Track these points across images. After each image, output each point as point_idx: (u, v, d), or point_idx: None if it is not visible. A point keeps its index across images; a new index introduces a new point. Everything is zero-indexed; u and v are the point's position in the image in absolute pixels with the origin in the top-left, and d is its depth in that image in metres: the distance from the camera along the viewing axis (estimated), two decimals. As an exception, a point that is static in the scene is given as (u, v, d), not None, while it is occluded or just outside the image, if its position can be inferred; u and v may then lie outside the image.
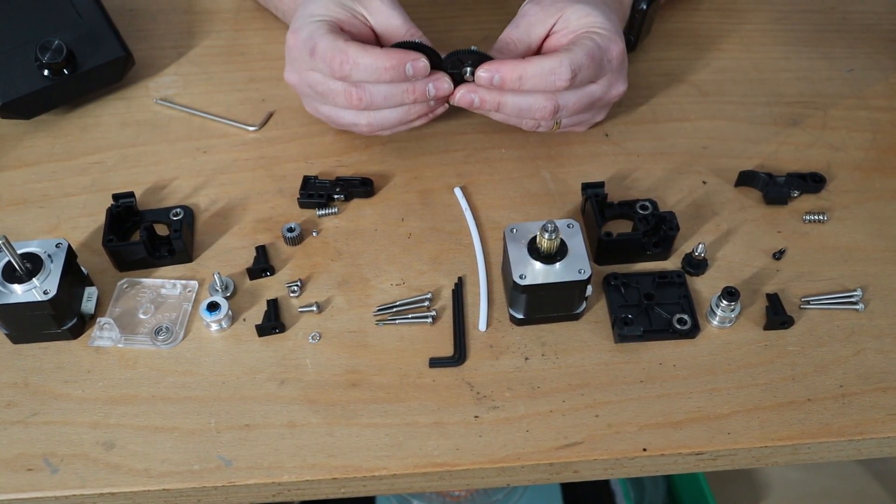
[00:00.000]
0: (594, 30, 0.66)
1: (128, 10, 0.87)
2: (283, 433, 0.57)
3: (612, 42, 0.66)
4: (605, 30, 0.66)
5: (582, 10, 0.67)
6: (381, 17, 0.67)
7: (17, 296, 0.57)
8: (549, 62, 0.63)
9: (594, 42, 0.65)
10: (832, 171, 0.72)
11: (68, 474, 0.55)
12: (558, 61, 0.63)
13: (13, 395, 0.59)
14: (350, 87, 0.64)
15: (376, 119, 0.66)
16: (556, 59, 0.63)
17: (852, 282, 0.65)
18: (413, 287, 0.65)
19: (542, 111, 0.65)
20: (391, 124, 0.67)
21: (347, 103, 0.65)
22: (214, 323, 0.61)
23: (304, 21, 0.66)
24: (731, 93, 0.79)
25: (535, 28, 0.68)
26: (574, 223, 0.60)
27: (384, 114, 0.66)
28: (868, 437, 0.57)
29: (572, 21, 0.67)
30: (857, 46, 0.84)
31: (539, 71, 0.63)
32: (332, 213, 0.69)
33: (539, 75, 0.63)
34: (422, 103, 0.66)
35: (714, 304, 0.61)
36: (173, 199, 0.71)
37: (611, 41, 0.66)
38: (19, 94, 0.72)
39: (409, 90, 0.64)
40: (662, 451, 0.56)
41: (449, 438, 0.56)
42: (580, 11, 0.67)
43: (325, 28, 0.64)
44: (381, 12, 0.67)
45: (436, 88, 0.64)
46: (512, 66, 0.63)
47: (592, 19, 0.66)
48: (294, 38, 0.66)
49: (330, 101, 0.67)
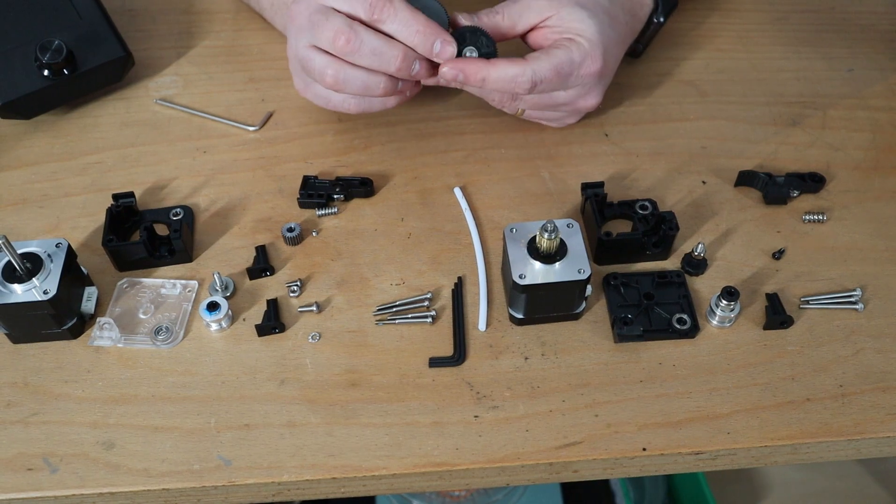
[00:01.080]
0: (578, 40, 0.66)
1: (128, 11, 0.87)
2: (282, 433, 0.57)
3: (590, 58, 0.66)
4: (588, 42, 0.66)
5: (578, 14, 0.66)
6: None
7: (16, 295, 0.57)
8: (512, 69, 0.64)
9: (568, 55, 0.65)
10: (831, 170, 0.72)
11: (68, 474, 0.55)
12: (521, 70, 0.64)
13: (13, 395, 0.59)
14: (344, 27, 0.62)
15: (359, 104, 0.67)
16: (519, 67, 0.64)
17: (851, 281, 0.65)
18: (413, 287, 0.65)
19: (501, 101, 0.69)
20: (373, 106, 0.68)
21: (338, 45, 0.62)
22: (214, 323, 0.61)
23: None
24: (730, 93, 0.79)
25: (530, 13, 0.67)
26: (574, 223, 0.60)
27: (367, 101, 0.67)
28: (867, 437, 0.57)
29: (564, 21, 0.66)
30: (857, 46, 0.84)
31: (501, 76, 0.64)
32: (332, 213, 0.69)
33: (500, 80, 0.64)
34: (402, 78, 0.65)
35: (713, 304, 0.62)
36: (173, 199, 0.71)
37: (588, 57, 0.66)
38: (19, 94, 0.72)
39: (398, 56, 0.62)
40: (662, 450, 0.56)
41: (448, 438, 0.56)
42: (576, 15, 0.66)
43: None
44: None
45: (420, 66, 0.64)
46: (476, 69, 0.64)
47: (583, 26, 0.66)
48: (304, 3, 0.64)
49: (318, 40, 0.64)
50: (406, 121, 0.76)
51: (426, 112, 0.77)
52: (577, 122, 0.75)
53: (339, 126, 0.76)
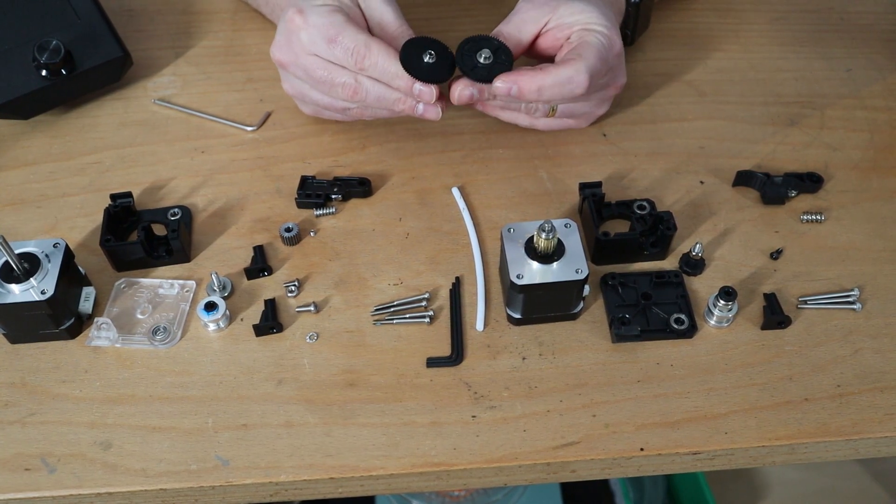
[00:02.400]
0: (593, 27, 0.67)
1: (126, 11, 0.87)
2: (280, 433, 0.57)
3: (613, 39, 0.67)
4: (604, 26, 0.67)
5: (575, 6, 0.67)
6: (374, 11, 0.67)
7: (14, 295, 0.57)
8: (566, 71, 0.64)
9: (599, 41, 0.66)
10: (830, 170, 0.72)
11: (65, 474, 0.55)
12: (575, 69, 0.64)
13: (10, 395, 0.59)
14: (350, 81, 0.65)
15: (361, 114, 0.69)
16: (572, 67, 0.64)
17: (849, 281, 0.65)
18: (410, 287, 0.65)
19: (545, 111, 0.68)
20: (372, 117, 0.70)
21: (343, 95, 0.66)
22: (212, 323, 0.61)
23: (310, 3, 0.65)
24: (728, 93, 0.79)
25: (527, 25, 0.68)
26: (571, 223, 0.60)
27: (370, 111, 0.69)
28: (865, 437, 0.57)
29: (566, 18, 0.67)
30: (855, 46, 0.84)
31: (557, 80, 0.64)
32: (330, 213, 0.69)
33: (557, 85, 0.64)
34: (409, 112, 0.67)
35: (711, 304, 0.62)
36: (171, 199, 0.71)
37: (611, 38, 0.67)
38: (17, 95, 0.72)
39: (400, 100, 0.65)
40: (660, 450, 0.56)
41: (446, 438, 0.56)
42: (573, 8, 0.67)
43: (343, 16, 0.64)
44: (375, 7, 0.67)
45: (425, 109, 0.66)
46: (530, 78, 0.63)
47: (588, 16, 0.67)
48: (302, 19, 0.65)
49: (323, 90, 0.67)
50: (404, 121, 0.76)
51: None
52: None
53: (337, 126, 0.76)
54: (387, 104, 0.66)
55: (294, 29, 0.65)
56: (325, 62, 0.65)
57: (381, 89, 0.65)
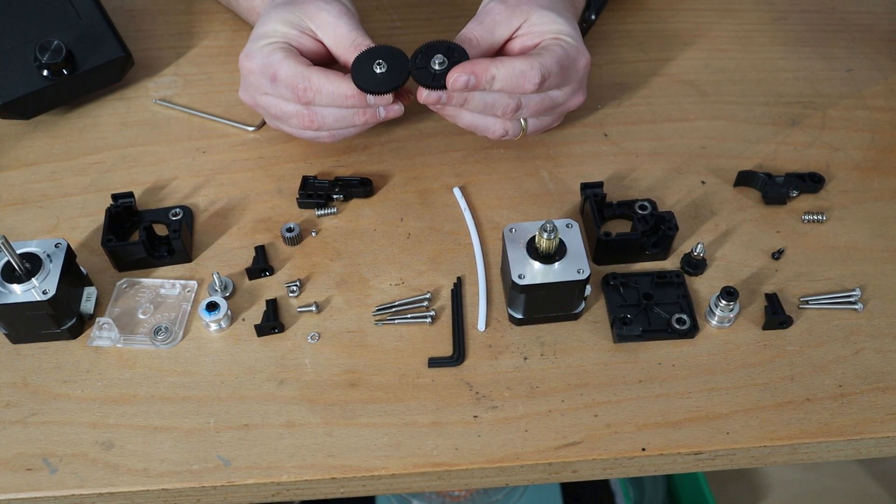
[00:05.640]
0: (561, 38, 0.66)
1: (127, 11, 0.87)
2: (281, 433, 0.57)
3: (580, 53, 0.67)
4: (572, 38, 0.67)
5: (548, 16, 0.67)
6: (327, 29, 0.67)
7: (16, 296, 0.57)
8: (520, 64, 0.63)
9: (564, 50, 0.65)
10: (831, 170, 0.72)
11: (67, 474, 0.55)
12: (529, 64, 0.63)
13: (12, 395, 0.59)
14: (302, 110, 0.66)
15: (333, 136, 0.69)
16: (527, 61, 0.63)
17: (851, 281, 0.65)
18: (412, 287, 0.65)
19: (505, 108, 0.65)
20: (349, 135, 0.69)
21: (300, 125, 0.67)
22: (213, 323, 0.61)
23: (256, 45, 0.66)
24: (730, 93, 0.79)
25: (500, 27, 0.67)
26: (573, 223, 0.60)
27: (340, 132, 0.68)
28: (867, 437, 0.57)
29: (537, 26, 0.67)
30: (856, 46, 0.84)
31: (510, 72, 0.63)
32: (331, 213, 0.69)
33: (510, 76, 0.63)
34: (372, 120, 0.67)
35: (713, 304, 0.62)
36: (172, 199, 0.71)
37: (578, 52, 0.67)
38: (18, 95, 0.72)
39: (359, 113, 0.65)
40: (661, 450, 0.56)
41: (448, 438, 0.56)
42: (546, 17, 0.67)
43: (281, 53, 0.65)
44: (327, 24, 0.67)
45: (386, 111, 0.65)
46: (485, 66, 0.63)
47: (559, 27, 0.67)
48: (249, 62, 0.66)
49: (285, 123, 0.68)
50: (405, 121, 0.76)
51: (425, 111, 0.77)
52: (576, 122, 0.75)
53: (339, 126, 0.76)
54: (348, 122, 0.66)
55: (245, 73, 0.68)
56: (276, 99, 0.67)
57: (335, 111, 0.65)
